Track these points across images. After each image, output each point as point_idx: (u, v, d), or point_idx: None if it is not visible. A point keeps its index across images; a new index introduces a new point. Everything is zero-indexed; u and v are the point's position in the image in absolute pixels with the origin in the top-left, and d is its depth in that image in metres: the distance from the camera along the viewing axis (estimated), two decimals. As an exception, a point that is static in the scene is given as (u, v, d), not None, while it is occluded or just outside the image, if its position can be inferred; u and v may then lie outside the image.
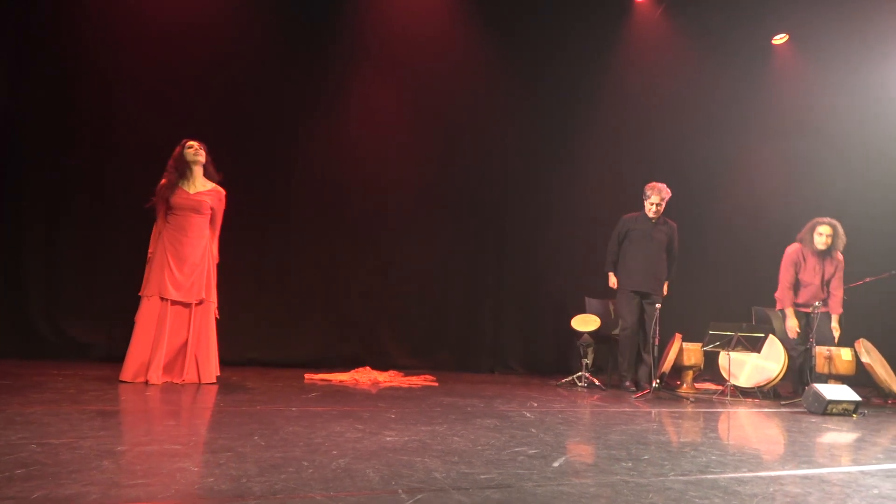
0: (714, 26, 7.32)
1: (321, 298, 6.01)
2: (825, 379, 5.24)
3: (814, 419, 4.08)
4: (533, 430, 3.03)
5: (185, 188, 4.28)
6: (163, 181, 4.28)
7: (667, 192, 5.48)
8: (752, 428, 3.68)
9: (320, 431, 2.66)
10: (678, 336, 5.66)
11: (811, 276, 5.40)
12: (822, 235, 5.34)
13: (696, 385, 5.79)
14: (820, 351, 5.24)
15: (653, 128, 7.23)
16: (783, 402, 5.03)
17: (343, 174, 6.17)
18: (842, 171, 7.41)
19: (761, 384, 5.40)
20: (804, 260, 5.43)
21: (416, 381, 5.09)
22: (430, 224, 6.45)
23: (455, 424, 3.04)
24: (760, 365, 5.44)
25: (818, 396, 4.35)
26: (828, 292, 5.42)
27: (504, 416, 3.44)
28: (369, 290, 6.19)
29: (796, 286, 5.45)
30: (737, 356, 5.44)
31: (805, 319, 5.42)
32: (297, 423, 2.86)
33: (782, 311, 5.48)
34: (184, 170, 4.29)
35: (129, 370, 3.97)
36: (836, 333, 5.34)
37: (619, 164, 7.04)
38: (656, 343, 5.00)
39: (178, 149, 4.33)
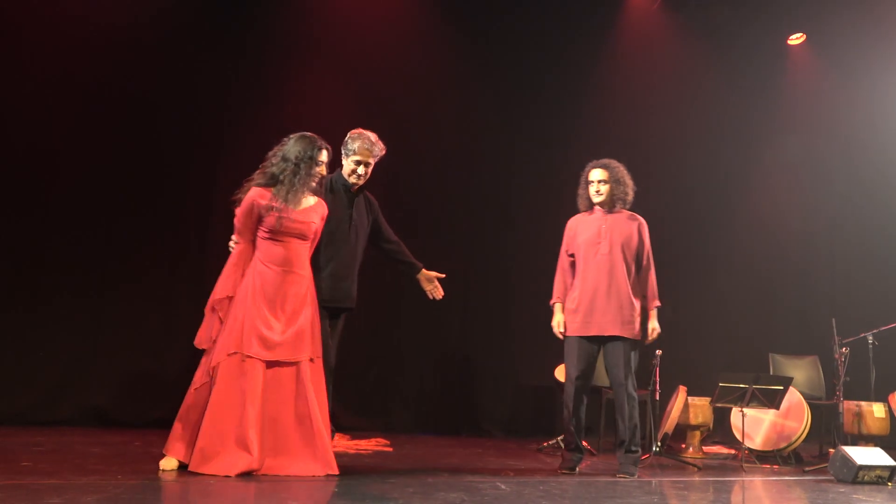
0: (720, 24, 7.52)
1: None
2: (854, 440, 5.34)
3: (842, 489, 4.14)
4: (509, 506, 3.00)
5: (292, 205, 3.57)
6: (262, 194, 3.55)
7: (378, 147, 4.30)
8: (771, 500, 3.71)
9: (243, 511, 2.58)
10: (682, 389, 5.70)
11: None
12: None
13: (705, 448, 5.83)
14: (848, 406, 5.34)
15: (650, 139, 7.33)
16: (807, 469, 5.09)
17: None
18: (868, 185, 7.53)
19: (781, 447, 5.47)
20: None
21: (365, 445, 5.03)
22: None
23: (413, 500, 3.00)
24: (780, 424, 5.51)
25: (847, 461, 4.41)
26: None
27: (473, 488, 3.42)
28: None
29: None
30: (752, 413, 5.50)
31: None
32: (209, 502, 2.77)
33: None
34: (304, 182, 3.59)
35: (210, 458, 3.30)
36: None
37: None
38: (656, 398, 5.02)
39: (304, 145, 3.60)
